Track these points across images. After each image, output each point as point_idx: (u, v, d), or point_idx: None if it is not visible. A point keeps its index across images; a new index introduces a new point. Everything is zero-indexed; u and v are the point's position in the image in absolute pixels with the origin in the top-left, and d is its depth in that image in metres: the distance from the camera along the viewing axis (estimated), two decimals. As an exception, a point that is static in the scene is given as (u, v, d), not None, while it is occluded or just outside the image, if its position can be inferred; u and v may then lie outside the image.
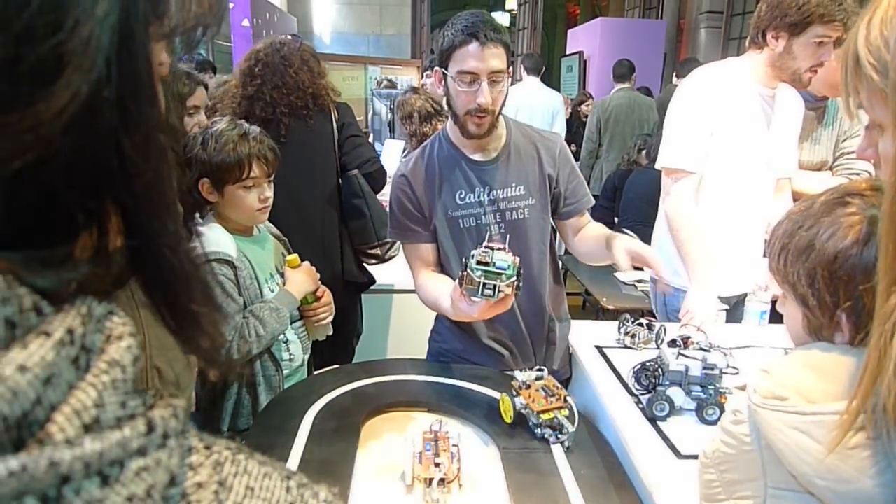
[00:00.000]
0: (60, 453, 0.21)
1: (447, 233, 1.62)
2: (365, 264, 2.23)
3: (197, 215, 1.57)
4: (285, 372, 1.65)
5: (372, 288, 2.32)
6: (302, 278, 1.68)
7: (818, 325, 0.89)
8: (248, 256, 1.57)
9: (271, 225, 1.76)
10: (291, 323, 1.65)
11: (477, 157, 1.62)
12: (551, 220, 1.69)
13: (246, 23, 5.52)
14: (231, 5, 5.40)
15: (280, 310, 1.57)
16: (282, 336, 1.62)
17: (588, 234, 1.68)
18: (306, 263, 1.72)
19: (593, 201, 1.74)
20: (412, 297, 2.36)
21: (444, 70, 1.51)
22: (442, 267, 1.67)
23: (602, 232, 1.64)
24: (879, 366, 0.55)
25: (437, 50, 1.53)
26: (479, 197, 1.61)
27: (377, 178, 2.21)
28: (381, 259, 2.23)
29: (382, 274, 2.31)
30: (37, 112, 0.23)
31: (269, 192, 1.59)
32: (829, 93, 2.13)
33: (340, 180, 2.16)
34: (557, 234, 1.80)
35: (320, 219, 2.10)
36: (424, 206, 1.63)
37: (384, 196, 2.64)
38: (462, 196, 1.60)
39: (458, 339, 1.72)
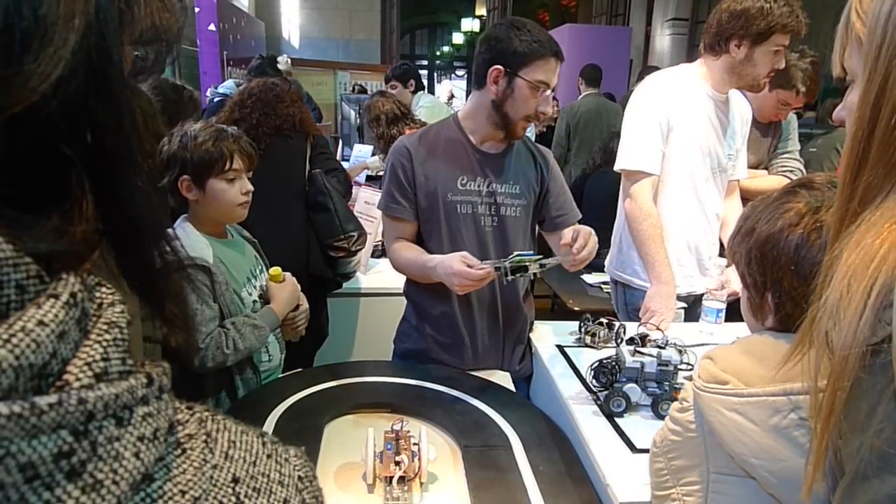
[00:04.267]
0: (85, 393, 0.24)
1: (441, 216, 1.65)
2: (333, 256, 2.25)
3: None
4: (263, 373, 1.66)
5: (338, 291, 2.32)
6: (286, 296, 1.68)
7: (756, 306, 0.94)
8: (224, 260, 1.57)
9: (241, 228, 1.76)
10: None
11: (484, 147, 1.66)
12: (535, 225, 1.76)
13: (212, 27, 5.47)
14: (197, 9, 5.36)
15: (262, 328, 1.57)
16: None
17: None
18: (290, 278, 1.72)
19: (580, 216, 1.80)
20: (378, 301, 2.39)
21: (513, 72, 1.54)
22: (420, 244, 1.70)
23: None
24: (800, 346, 0.58)
25: (502, 50, 1.55)
26: (478, 186, 1.65)
27: (341, 180, 2.32)
28: (349, 251, 2.25)
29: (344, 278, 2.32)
30: (26, 73, 0.25)
31: (250, 186, 1.61)
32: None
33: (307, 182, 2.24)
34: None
35: (286, 212, 2.17)
36: (419, 184, 1.65)
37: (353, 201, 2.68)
38: (464, 182, 1.64)
39: (423, 339, 1.74)
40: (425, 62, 21.68)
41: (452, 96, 7.36)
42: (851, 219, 0.52)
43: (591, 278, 3.21)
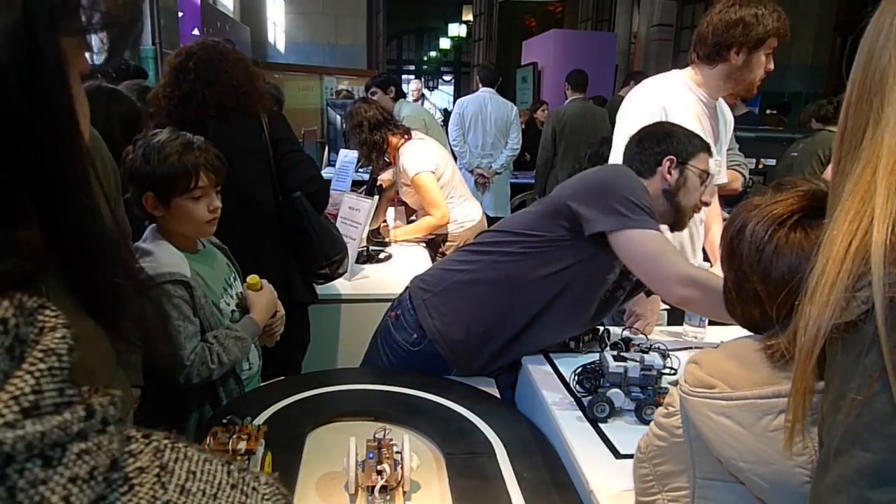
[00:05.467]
0: (2, 434, 0.22)
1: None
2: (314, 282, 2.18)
3: (142, 240, 1.51)
4: (244, 381, 1.64)
5: (325, 297, 2.30)
6: (265, 304, 1.65)
7: (730, 300, 0.95)
8: (200, 273, 1.54)
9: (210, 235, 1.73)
10: None
11: None
12: None
13: (196, 32, 5.44)
14: (180, 14, 5.32)
15: (244, 339, 1.55)
16: None
17: None
18: (267, 285, 1.70)
19: None
20: (360, 307, 2.37)
21: (683, 162, 1.58)
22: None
23: None
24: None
25: (674, 144, 1.60)
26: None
27: (321, 198, 2.11)
28: (330, 278, 2.17)
29: (329, 284, 2.28)
30: None
31: (219, 202, 1.55)
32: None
33: (281, 201, 2.03)
34: None
35: (256, 242, 1.92)
36: None
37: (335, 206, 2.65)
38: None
39: (421, 335, 1.72)
40: (412, 67, 21.71)
41: (423, 96, 7.33)
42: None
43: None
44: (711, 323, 1.89)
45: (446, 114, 9.21)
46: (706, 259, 2.16)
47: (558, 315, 1.63)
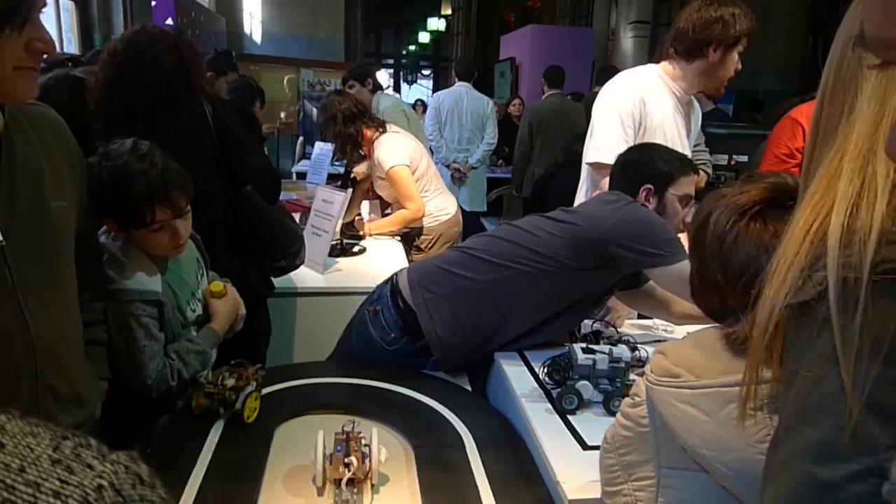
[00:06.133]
0: None
1: None
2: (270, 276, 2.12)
3: (111, 236, 1.45)
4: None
5: (301, 290, 2.28)
6: (227, 313, 1.61)
7: (694, 288, 0.96)
8: (170, 283, 1.49)
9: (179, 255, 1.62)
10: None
11: None
12: None
13: (170, 21, 5.34)
14: (153, 3, 5.22)
15: (205, 352, 1.53)
16: None
17: None
18: (231, 290, 1.66)
19: None
20: (333, 300, 2.35)
21: (662, 189, 1.65)
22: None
23: None
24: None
25: (652, 171, 1.66)
26: None
27: (273, 190, 2.02)
28: (287, 270, 2.12)
29: (283, 278, 2.22)
30: None
31: (185, 229, 1.45)
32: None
33: (231, 194, 1.93)
34: None
35: (206, 238, 1.74)
36: None
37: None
38: None
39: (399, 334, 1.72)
40: (391, 61, 21.59)
41: (388, 86, 7.29)
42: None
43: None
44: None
45: (421, 105, 9.18)
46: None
47: (554, 327, 1.70)
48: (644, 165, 1.67)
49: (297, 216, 2.51)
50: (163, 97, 1.77)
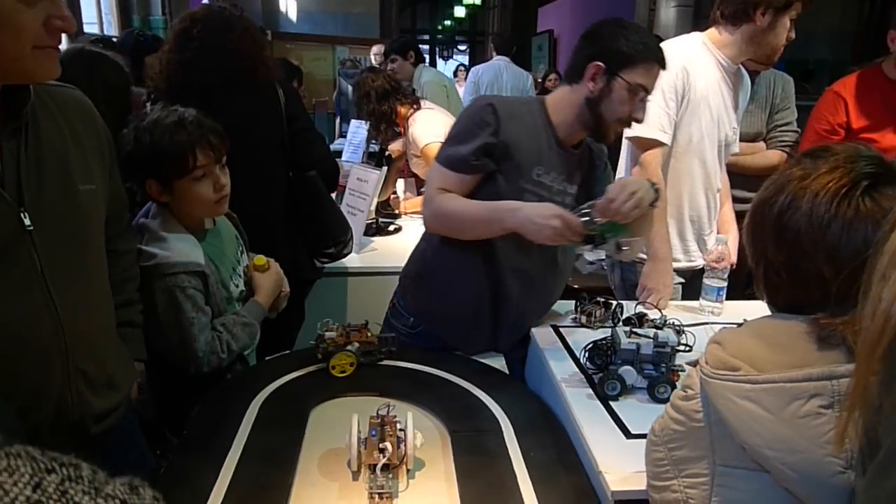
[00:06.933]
0: None
1: (506, 198, 1.52)
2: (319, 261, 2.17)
3: (150, 215, 1.47)
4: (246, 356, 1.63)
5: (325, 271, 2.28)
6: (271, 286, 1.63)
7: (756, 278, 0.89)
8: (211, 257, 1.50)
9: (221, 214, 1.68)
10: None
11: (565, 144, 1.59)
12: None
13: (205, 1, 5.35)
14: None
15: (252, 325, 1.53)
16: None
17: None
18: (274, 265, 1.67)
19: None
20: (368, 280, 2.34)
21: (614, 71, 1.47)
22: None
23: None
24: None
25: (605, 47, 1.49)
26: (551, 182, 1.57)
27: (332, 175, 2.10)
28: (335, 258, 2.16)
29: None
30: None
31: (225, 179, 1.49)
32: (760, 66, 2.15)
33: (293, 178, 2.01)
34: None
35: (267, 219, 1.90)
36: (499, 149, 1.52)
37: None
38: (539, 174, 1.55)
39: (417, 318, 1.71)
40: (426, 36, 21.36)
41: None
42: None
43: (591, 255, 3.15)
44: (729, 298, 1.83)
45: (464, 70, 9.01)
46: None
47: (509, 249, 1.58)
48: (602, 39, 1.50)
49: (332, 195, 2.51)
50: (245, 80, 1.84)
